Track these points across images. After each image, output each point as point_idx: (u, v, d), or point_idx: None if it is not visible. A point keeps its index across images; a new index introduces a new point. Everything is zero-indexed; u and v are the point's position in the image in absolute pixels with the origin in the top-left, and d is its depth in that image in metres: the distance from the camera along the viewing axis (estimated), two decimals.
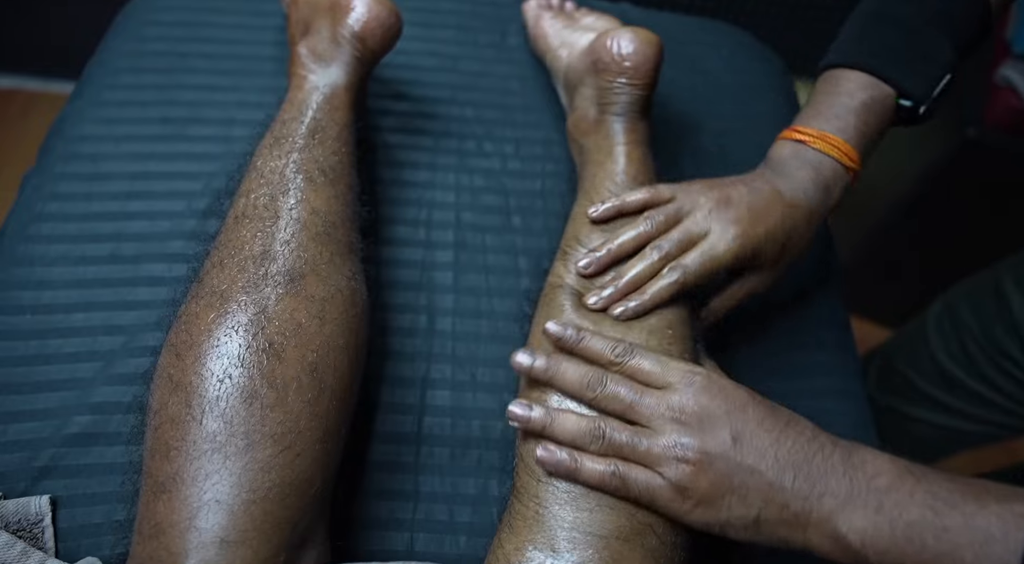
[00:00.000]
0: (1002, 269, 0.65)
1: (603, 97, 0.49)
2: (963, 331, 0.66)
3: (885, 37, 0.42)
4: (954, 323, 0.67)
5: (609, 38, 0.48)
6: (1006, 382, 0.63)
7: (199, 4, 0.63)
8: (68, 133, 0.55)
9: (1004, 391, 0.64)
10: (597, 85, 0.49)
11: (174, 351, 0.36)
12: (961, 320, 0.66)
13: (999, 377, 0.63)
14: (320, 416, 0.36)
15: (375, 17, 0.48)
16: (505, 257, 0.54)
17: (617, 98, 0.48)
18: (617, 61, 0.47)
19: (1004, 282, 0.63)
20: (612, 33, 0.48)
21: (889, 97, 0.41)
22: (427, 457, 0.45)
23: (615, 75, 0.47)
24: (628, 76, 0.47)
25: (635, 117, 0.48)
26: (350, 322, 0.39)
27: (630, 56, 0.47)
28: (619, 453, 0.34)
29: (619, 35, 0.48)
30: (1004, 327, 0.62)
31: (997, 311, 0.63)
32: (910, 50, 0.41)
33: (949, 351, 0.67)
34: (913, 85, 0.41)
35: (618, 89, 0.48)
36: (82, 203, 0.51)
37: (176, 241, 0.50)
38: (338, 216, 0.43)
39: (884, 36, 0.42)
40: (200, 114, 0.57)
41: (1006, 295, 0.62)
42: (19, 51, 1.21)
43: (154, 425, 0.35)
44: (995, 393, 0.64)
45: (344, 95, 0.48)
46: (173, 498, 0.32)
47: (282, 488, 0.33)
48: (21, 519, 0.39)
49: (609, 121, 0.48)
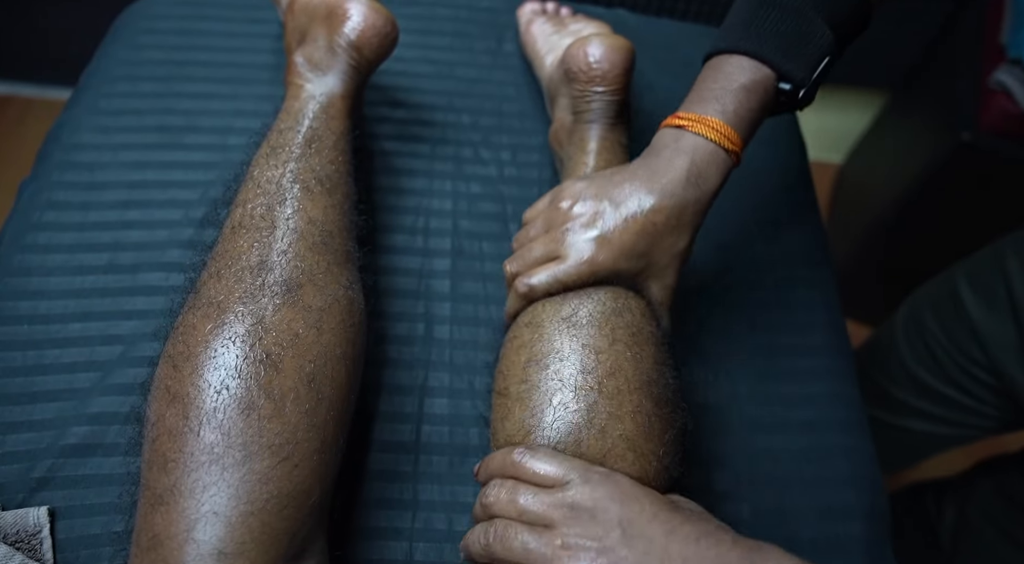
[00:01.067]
0: (957, 271, 0.65)
1: (576, 105, 0.50)
2: (928, 336, 0.66)
3: (766, 21, 0.42)
4: (919, 329, 0.67)
5: (578, 46, 0.49)
6: (973, 385, 0.63)
7: (195, 12, 0.63)
8: (65, 141, 0.55)
9: (973, 394, 0.64)
10: (570, 93, 0.50)
11: (171, 362, 0.36)
12: (925, 325, 0.66)
13: (966, 380, 0.63)
14: (318, 426, 0.36)
15: (371, 26, 0.48)
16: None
17: (589, 105, 0.49)
18: (585, 69, 0.48)
19: (959, 284, 0.63)
20: (582, 41, 0.49)
21: (769, 78, 0.41)
22: (425, 465, 0.45)
23: (585, 83, 0.48)
24: (597, 83, 0.48)
25: (608, 124, 0.49)
26: (347, 332, 0.39)
27: (599, 63, 0.48)
28: (514, 553, 0.33)
29: (588, 43, 0.48)
30: (964, 330, 0.62)
31: (955, 314, 0.63)
32: (790, 33, 0.41)
33: (917, 357, 0.67)
34: (793, 67, 0.41)
35: (589, 96, 0.49)
36: (79, 212, 0.51)
37: (173, 250, 0.50)
38: (335, 225, 0.43)
39: (765, 20, 0.42)
40: (197, 123, 0.57)
41: (961, 297, 0.62)
42: (15, 57, 1.21)
43: (151, 437, 0.35)
44: (965, 396, 0.64)
45: (341, 104, 0.48)
46: (171, 510, 0.32)
47: (280, 499, 0.33)
48: (19, 530, 0.39)
49: (582, 129, 0.49)
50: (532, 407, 0.37)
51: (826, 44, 0.42)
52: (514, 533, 0.33)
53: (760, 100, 0.41)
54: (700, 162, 0.40)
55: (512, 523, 0.34)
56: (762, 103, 0.42)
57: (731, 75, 0.41)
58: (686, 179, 0.40)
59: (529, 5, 0.64)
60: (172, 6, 0.64)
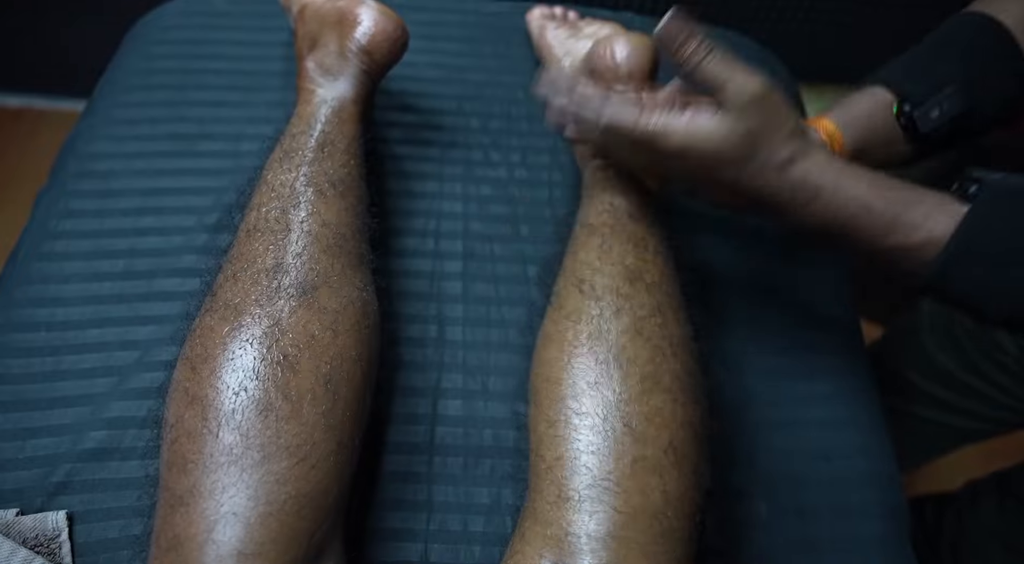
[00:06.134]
0: None
1: None
2: (955, 324, 0.65)
3: (907, 57, 0.45)
4: (946, 317, 0.67)
5: (603, 45, 0.48)
6: (1000, 375, 0.62)
7: (207, 22, 0.64)
8: (80, 151, 0.56)
9: (998, 384, 0.63)
10: None
11: (189, 364, 0.36)
12: (952, 314, 0.66)
13: (992, 370, 0.63)
14: (335, 427, 0.36)
15: (382, 30, 0.49)
16: (514, 266, 0.54)
17: None
18: (612, 67, 0.48)
19: None
20: (607, 40, 0.49)
21: (889, 98, 0.42)
22: (440, 467, 0.45)
23: (611, 82, 0.48)
24: (623, 81, 0.47)
25: None
26: (362, 333, 0.40)
27: (626, 61, 0.47)
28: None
29: (613, 42, 0.48)
30: None
31: None
32: (921, 63, 0.42)
33: (941, 345, 0.67)
34: (910, 88, 0.41)
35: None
36: (95, 220, 0.52)
37: (188, 256, 0.51)
38: (348, 228, 0.43)
39: (907, 57, 0.45)
40: (209, 130, 0.57)
41: None
42: (28, 70, 1.22)
43: (170, 438, 0.35)
44: (990, 387, 0.63)
45: (352, 108, 0.48)
46: (191, 511, 0.32)
47: (298, 500, 0.33)
48: (39, 535, 0.39)
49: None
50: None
51: (953, 76, 0.43)
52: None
53: (876, 115, 0.44)
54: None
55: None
56: (877, 118, 0.44)
57: (858, 97, 0.45)
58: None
59: (538, 10, 0.64)
60: (183, 16, 0.65)
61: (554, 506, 0.34)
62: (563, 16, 0.64)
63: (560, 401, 0.37)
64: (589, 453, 0.35)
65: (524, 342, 0.50)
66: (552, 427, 0.37)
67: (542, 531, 0.34)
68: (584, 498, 0.34)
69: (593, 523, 0.33)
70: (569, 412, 0.37)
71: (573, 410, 0.37)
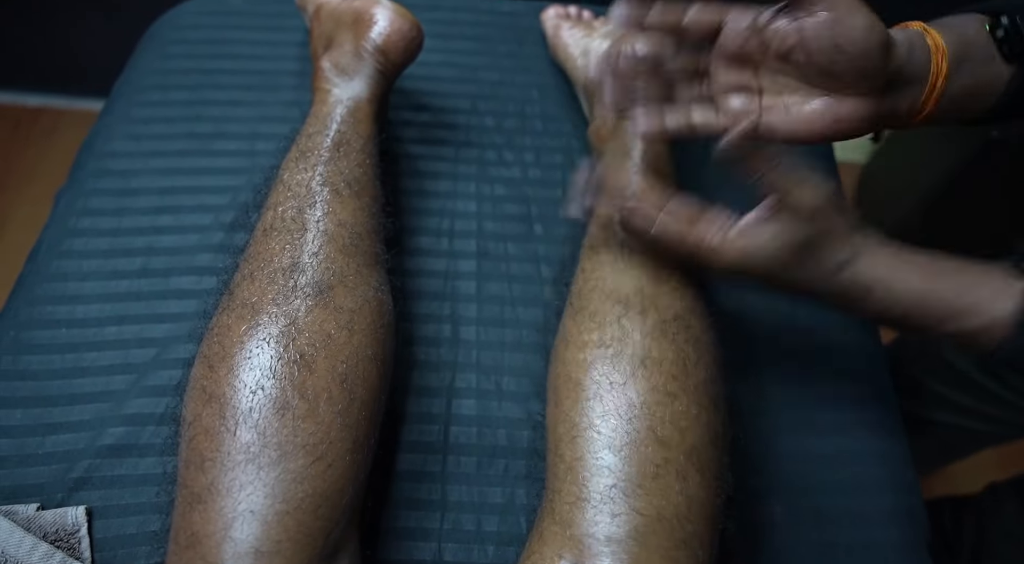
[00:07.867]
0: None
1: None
2: None
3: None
4: None
5: (623, 44, 0.48)
6: (1017, 378, 0.61)
7: (224, 22, 0.64)
8: (98, 149, 0.56)
9: (1016, 388, 0.62)
10: None
11: (207, 363, 0.37)
12: None
13: (1010, 373, 0.62)
14: (350, 426, 0.36)
15: (397, 30, 0.49)
16: (528, 265, 0.54)
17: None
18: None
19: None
20: (625, 38, 0.48)
21: (981, 18, 0.40)
22: (454, 466, 0.45)
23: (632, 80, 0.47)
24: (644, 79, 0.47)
25: None
26: (378, 333, 0.40)
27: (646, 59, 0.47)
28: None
29: (633, 40, 0.48)
30: None
31: None
32: None
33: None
34: (1003, 5, 0.39)
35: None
36: (113, 218, 0.52)
37: (204, 254, 0.51)
38: (364, 227, 0.43)
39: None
40: (225, 129, 0.58)
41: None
42: (46, 70, 1.24)
43: (188, 436, 0.35)
44: (1007, 390, 0.63)
45: (367, 108, 0.48)
46: (209, 509, 0.33)
47: (315, 498, 0.34)
48: (59, 529, 0.40)
49: (626, 125, 0.48)
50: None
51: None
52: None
53: (969, 32, 0.40)
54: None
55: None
56: (971, 36, 0.40)
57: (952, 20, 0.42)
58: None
59: (552, 10, 0.64)
60: (200, 16, 0.65)
61: (574, 507, 0.34)
62: (578, 15, 0.64)
63: (583, 402, 0.37)
64: (611, 455, 0.35)
65: (538, 342, 0.50)
66: (573, 427, 0.37)
67: (561, 532, 0.34)
68: (605, 500, 0.34)
69: (614, 525, 0.33)
70: (592, 413, 0.36)
71: (596, 411, 0.36)
